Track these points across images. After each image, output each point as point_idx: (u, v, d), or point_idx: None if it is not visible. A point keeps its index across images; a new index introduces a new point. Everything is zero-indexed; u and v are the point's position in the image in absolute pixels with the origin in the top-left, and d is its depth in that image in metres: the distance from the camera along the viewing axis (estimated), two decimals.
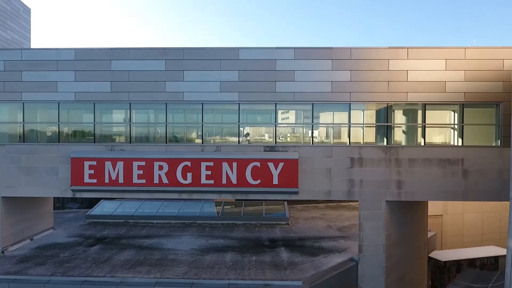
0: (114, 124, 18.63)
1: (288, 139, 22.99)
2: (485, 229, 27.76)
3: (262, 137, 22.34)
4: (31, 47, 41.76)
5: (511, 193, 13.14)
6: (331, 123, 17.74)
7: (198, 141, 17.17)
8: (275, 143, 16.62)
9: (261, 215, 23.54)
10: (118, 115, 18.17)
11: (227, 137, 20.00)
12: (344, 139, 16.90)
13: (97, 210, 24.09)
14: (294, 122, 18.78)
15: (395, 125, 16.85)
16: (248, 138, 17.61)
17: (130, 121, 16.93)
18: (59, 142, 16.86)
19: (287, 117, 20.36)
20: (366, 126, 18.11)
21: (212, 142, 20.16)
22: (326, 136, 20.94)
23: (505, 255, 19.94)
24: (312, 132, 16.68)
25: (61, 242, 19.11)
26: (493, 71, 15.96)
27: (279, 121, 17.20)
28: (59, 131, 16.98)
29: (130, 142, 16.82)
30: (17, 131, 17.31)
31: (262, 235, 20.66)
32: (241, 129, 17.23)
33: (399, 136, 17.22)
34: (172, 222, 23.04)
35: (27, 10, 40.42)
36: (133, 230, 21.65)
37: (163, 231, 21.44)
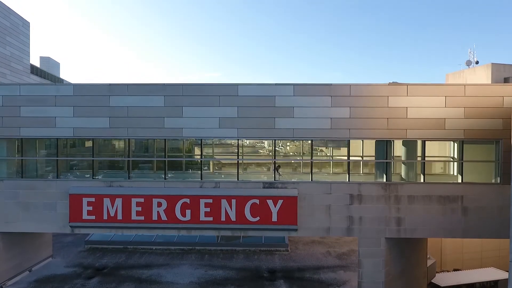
0: (112, 160, 18.74)
1: (288, 148, 23.10)
2: (484, 247, 27.63)
3: (262, 143, 22.39)
4: (30, 61, 41.77)
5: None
6: (330, 158, 17.72)
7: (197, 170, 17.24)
8: (274, 180, 16.56)
9: (261, 240, 23.47)
10: (117, 151, 18.25)
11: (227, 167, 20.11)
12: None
13: (96, 235, 24.01)
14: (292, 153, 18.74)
15: (394, 160, 16.83)
16: (279, 171, 17.33)
17: (129, 157, 16.86)
18: (57, 177, 16.81)
19: None
20: (365, 161, 18.15)
21: (211, 171, 20.34)
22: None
23: (505, 279, 19.96)
24: (311, 168, 16.59)
25: (60, 273, 19.06)
26: (493, 108, 15.91)
27: None
28: (57, 166, 16.92)
29: (128, 178, 16.75)
30: (15, 166, 17.27)
31: (261, 264, 20.60)
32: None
33: (399, 162, 17.29)
34: (171, 248, 22.99)
35: (26, 24, 40.40)
36: (132, 257, 21.59)
37: (162, 259, 21.39)
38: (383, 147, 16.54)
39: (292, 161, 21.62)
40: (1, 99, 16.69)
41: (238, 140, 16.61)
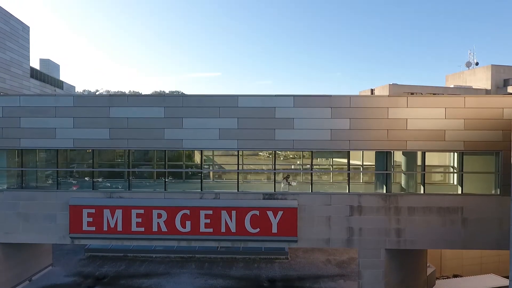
0: (112, 166, 18.82)
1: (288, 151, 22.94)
2: (484, 253, 27.67)
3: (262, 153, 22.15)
4: (30, 63, 41.71)
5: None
6: (330, 167, 17.75)
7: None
8: (274, 191, 16.56)
9: (261, 248, 23.44)
10: (117, 153, 18.31)
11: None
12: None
13: None
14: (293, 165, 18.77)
15: (394, 171, 16.87)
16: (289, 180, 17.32)
17: (129, 168, 16.88)
18: (57, 188, 16.83)
19: None
20: (365, 172, 18.18)
21: (211, 179, 20.36)
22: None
23: (505, 286, 19.95)
24: (312, 180, 16.61)
25: (60, 283, 19.07)
26: (493, 120, 15.92)
27: None
28: (57, 177, 16.94)
29: (128, 189, 16.76)
30: (15, 177, 17.28)
31: (261, 273, 20.61)
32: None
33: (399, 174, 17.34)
34: (171, 256, 22.99)
35: (26, 29, 40.36)
36: (132, 266, 21.59)
37: (162, 267, 21.39)
38: (383, 157, 16.57)
39: (293, 166, 21.63)
40: (1, 110, 16.69)
41: (238, 151, 16.61)
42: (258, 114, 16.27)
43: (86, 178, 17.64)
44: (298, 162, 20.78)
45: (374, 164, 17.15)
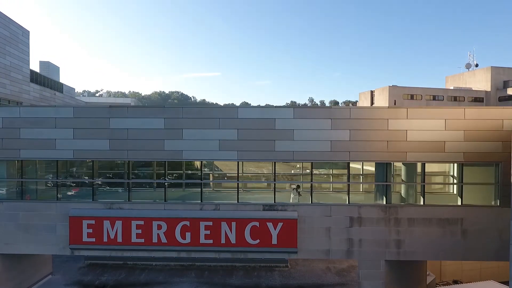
0: (112, 173, 18.79)
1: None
2: None
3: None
4: (30, 65, 41.65)
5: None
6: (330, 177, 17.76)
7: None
8: (274, 202, 16.57)
9: (261, 256, 23.42)
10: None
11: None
12: None
13: None
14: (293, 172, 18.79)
15: (394, 182, 16.89)
16: (299, 191, 17.35)
17: (129, 179, 16.87)
18: (57, 199, 16.83)
19: None
20: (365, 183, 18.19)
21: (212, 188, 20.35)
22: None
23: None
24: (311, 191, 16.62)
25: None
26: (493, 131, 15.94)
27: None
28: (57, 188, 16.94)
29: (128, 200, 16.76)
30: (14, 188, 17.29)
31: (261, 282, 20.61)
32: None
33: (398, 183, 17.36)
34: (171, 264, 22.97)
35: (26, 33, 40.35)
36: (132, 274, 21.58)
37: (162, 276, 21.38)
38: (383, 168, 16.58)
39: (292, 171, 21.59)
40: (1, 121, 16.69)
41: (238, 162, 16.62)
42: (258, 125, 16.27)
43: (86, 179, 17.70)
44: (298, 166, 20.74)
45: (374, 169, 17.14)
